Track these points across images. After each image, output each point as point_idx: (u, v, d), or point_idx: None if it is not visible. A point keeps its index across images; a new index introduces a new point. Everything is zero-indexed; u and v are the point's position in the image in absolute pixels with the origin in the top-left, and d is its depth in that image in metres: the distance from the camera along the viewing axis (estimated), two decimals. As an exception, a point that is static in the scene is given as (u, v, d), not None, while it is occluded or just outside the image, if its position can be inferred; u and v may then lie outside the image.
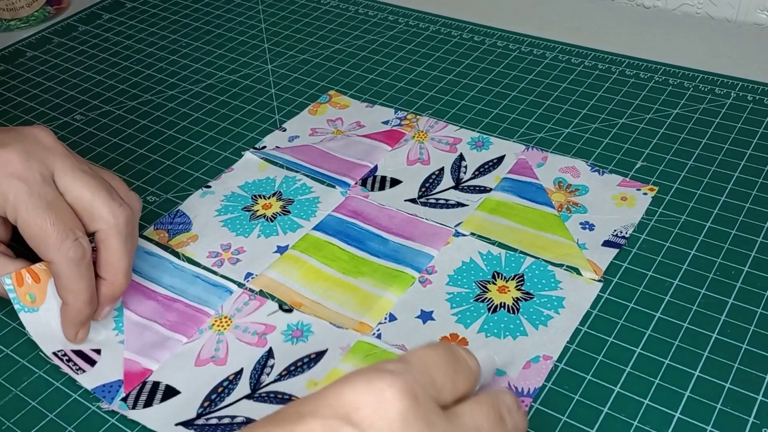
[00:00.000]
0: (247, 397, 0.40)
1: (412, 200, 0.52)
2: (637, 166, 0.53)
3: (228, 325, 0.44)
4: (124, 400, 0.40)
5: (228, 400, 0.40)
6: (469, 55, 0.67)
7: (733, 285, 0.44)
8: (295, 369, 0.41)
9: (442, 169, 0.54)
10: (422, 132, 0.58)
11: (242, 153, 0.57)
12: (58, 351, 0.42)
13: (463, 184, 0.53)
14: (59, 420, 0.40)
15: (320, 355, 0.42)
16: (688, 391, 0.39)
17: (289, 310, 0.44)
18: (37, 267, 0.43)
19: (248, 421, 0.38)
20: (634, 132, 0.56)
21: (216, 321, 0.44)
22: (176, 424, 0.39)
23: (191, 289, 0.46)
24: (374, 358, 0.41)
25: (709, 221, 0.48)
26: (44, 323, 0.43)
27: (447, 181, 0.53)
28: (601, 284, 0.45)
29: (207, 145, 0.58)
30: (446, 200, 0.51)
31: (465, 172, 0.54)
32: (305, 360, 0.42)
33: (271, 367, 0.41)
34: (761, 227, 0.48)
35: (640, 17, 0.72)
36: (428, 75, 0.64)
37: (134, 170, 0.56)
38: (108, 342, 0.43)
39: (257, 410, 0.39)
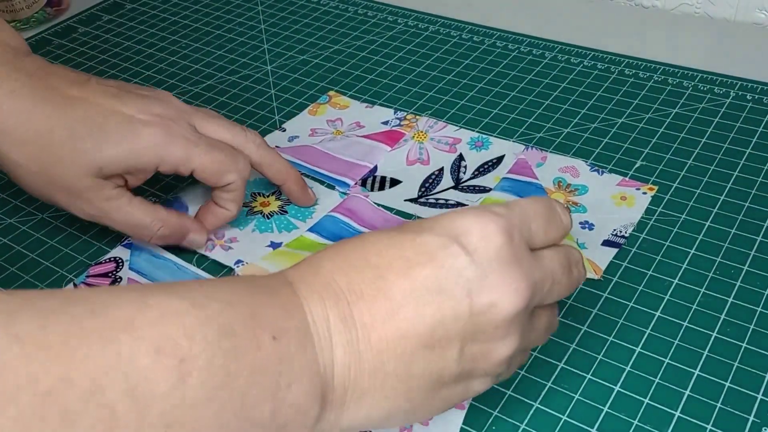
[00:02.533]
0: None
1: (412, 200, 0.52)
2: (636, 166, 0.53)
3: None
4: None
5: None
6: (468, 55, 0.67)
7: (733, 284, 0.44)
8: None
9: (441, 169, 0.54)
10: (422, 132, 0.58)
11: (242, 153, 0.57)
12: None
13: (462, 184, 0.53)
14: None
15: None
16: (688, 390, 0.39)
17: None
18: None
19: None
20: (634, 131, 0.56)
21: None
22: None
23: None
24: None
25: (709, 220, 0.48)
26: None
27: (447, 181, 0.53)
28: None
29: (207, 145, 0.58)
30: (446, 200, 0.51)
31: (465, 172, 0.54)
32: None
33: None
34: (761, 226, 0.48)
35: (639, 17, 0.72)
36: (427, 75, 0.64)
37: (134, 171, 0.56)
38: None
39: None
